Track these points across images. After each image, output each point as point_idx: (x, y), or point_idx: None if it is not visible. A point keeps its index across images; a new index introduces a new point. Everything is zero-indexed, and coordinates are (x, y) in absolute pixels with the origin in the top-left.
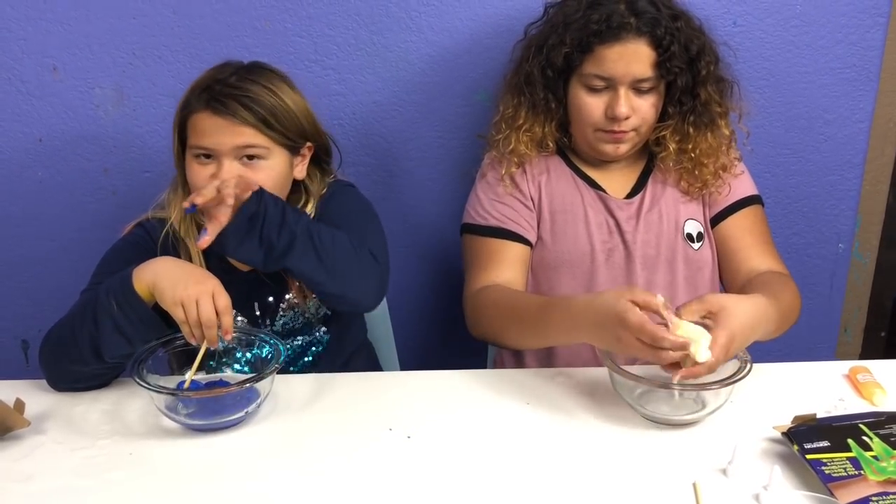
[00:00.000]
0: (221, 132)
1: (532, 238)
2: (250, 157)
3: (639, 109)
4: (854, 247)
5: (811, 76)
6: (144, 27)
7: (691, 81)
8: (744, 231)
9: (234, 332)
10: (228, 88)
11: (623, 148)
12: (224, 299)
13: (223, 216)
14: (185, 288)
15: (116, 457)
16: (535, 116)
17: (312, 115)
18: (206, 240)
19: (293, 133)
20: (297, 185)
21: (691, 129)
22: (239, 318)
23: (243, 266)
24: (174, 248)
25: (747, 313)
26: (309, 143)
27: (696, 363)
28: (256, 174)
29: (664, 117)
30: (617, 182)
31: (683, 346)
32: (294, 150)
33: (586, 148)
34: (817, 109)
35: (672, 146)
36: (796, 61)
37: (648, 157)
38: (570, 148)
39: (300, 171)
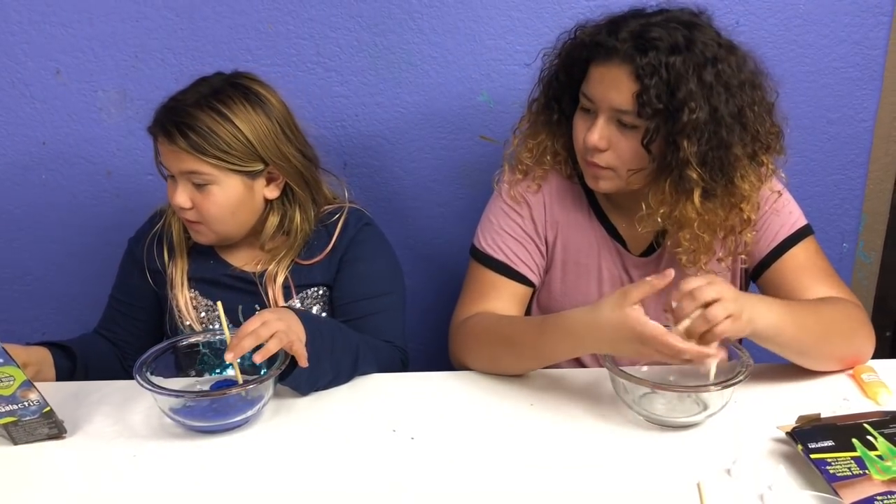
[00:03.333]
0: (169, 156)
1: (536, 281)
2: (199, 185)
3: (616, 145)
4: (858, 246)
5: (814, 76)
6: (147, 30)
7: (670, 130)
8: (792, 273)
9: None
10: (175, 115)
11: (602, 185)
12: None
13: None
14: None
15: (120, 459)
16: (553, 138)
17: (281, 137)
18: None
19: (239, 159)
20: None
21: (668, 189)
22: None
23: (240, 262)
24: (159, 243)
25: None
26: (271, 167)
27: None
28: (205, 200)
29: None
30: (637, 230)
31: (702, 353)
32: (250, 175)
33: None
34: (820, 109)
35: (645, 204)
36: (799, 61)
37: None
38: None
39: (272, 191)
